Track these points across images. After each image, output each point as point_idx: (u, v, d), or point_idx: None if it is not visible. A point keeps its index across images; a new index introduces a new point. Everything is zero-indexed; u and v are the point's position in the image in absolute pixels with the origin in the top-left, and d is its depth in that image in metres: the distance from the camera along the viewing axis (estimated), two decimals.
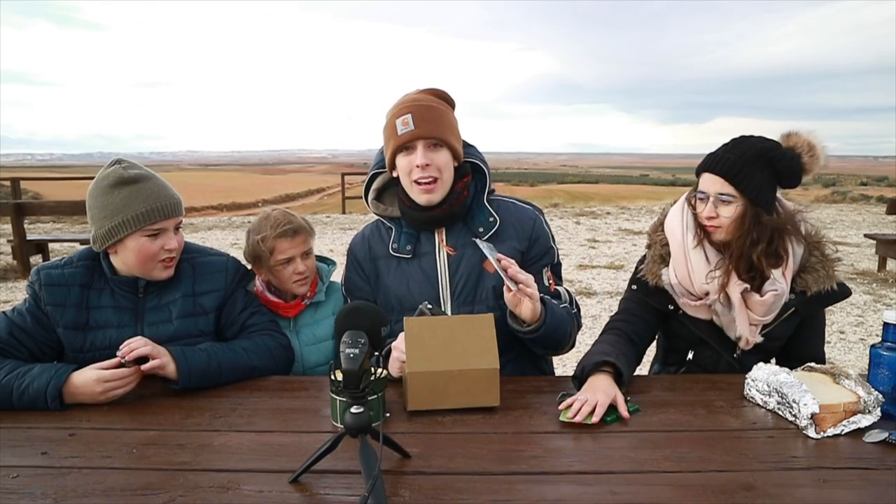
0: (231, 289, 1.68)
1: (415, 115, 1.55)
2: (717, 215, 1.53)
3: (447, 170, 1.60)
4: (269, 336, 1.67)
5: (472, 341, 1.36)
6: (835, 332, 4.71)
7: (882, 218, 10.96)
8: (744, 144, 1.54)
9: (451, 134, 1.62)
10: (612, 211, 12.53)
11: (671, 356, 1.82)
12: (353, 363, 1.06)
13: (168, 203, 1.54)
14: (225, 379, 1.53)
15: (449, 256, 1.65)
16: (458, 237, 1.66)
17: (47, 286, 1.54)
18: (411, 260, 1.67)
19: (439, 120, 1.59)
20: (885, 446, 1.19)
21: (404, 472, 1.11)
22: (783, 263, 1.55)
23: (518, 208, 1.72)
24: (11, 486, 1.07)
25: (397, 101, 1.64)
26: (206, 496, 1.03)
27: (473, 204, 1.68)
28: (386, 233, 1.73)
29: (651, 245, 1.71)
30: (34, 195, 19.02)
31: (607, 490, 1.04)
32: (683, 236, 1.60)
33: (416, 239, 1.68)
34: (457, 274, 1.64)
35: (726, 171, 1.51)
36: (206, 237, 9.34)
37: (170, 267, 1.58)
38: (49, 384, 1.38)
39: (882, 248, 6.62)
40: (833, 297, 1.58)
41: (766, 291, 1.54)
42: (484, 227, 1.65)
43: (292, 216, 1.84)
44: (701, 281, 1.58)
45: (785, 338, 1.66)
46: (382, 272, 1.70)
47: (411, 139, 1.55)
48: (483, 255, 1.53)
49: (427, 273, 1.65)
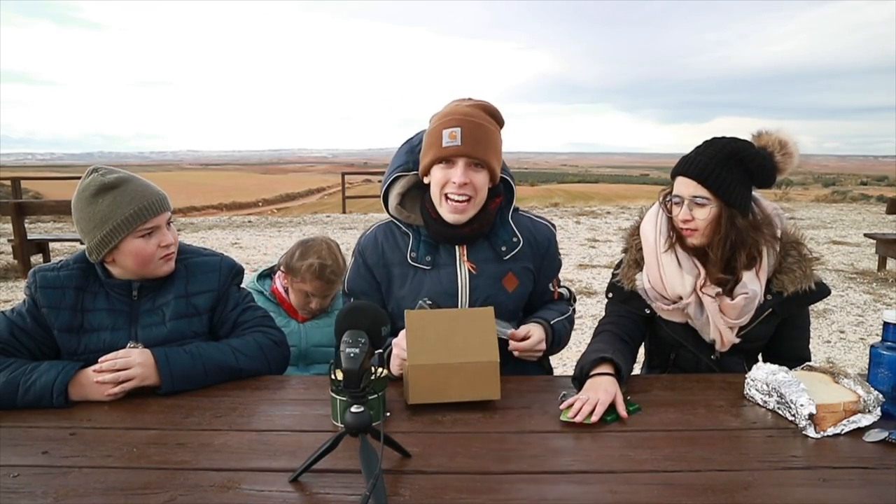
0: (224, 288, 1.67)
1: (464, 131, 1.51)
2: (692, 218, 1.53)
3: (482, 191, 1.58)
4: (261, 333, 1.65)
5: (473, 334, 1.36)
6: (835, 331, 4.71)
7: (882, 217, 10.95)
8: (715, 146, 1.53)
9: (495, 157, 1.58)
10: (612, 210, 12.53)
11: (654, 359, 1.83)
12: (353, 363, 1.06)
13: (154, 200, 1.53)
14: (211, 380, 1.52)
15: (470, 273, 1.63)
16: (479, 253, 1.64)
17: (42, 288, 1.54)
18: (430, 271, 1.63)
19: (487, 141, 1.55)
20: (884, 446, 1.19)
21: (404, 471, 1.11)
22: (756, 265, 1.55)
23: (536, 226, 1.72)
24: (12, 486, 1.07)
25: (448, 109, 1.59)
26: (207, 495, 1.03)
27: (497, 220, 1.66)
28: (402, 238, 1.67)
29: (627, 249, 1.72)
30: (35, 195, 19.03)
31: (607, 490, 1.04)
32: (656, 241, 1.61)
33: (436, 250, 1.64)
34: (476, 290, 1.62)
35: (698, 173, 1.51)
36: (206, 237, 9.33)
37: (171, 260, 1.59)
38: (56, 379, 1.40)
39: (882, 248, 6.62)
40: (811, 297, 1.58)
41: (738, 295, 1.54)
42: (507, 247, 1.64)
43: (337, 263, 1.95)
44: (673, 285, 1.58)
45: (765, 338, 1.66)
46: (396, 281, 1.65)
47: (455, 154, 1.52)
48: (501, 275, 1.64)
49: (445, 287, 1.62)
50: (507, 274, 1.64)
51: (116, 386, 1.41)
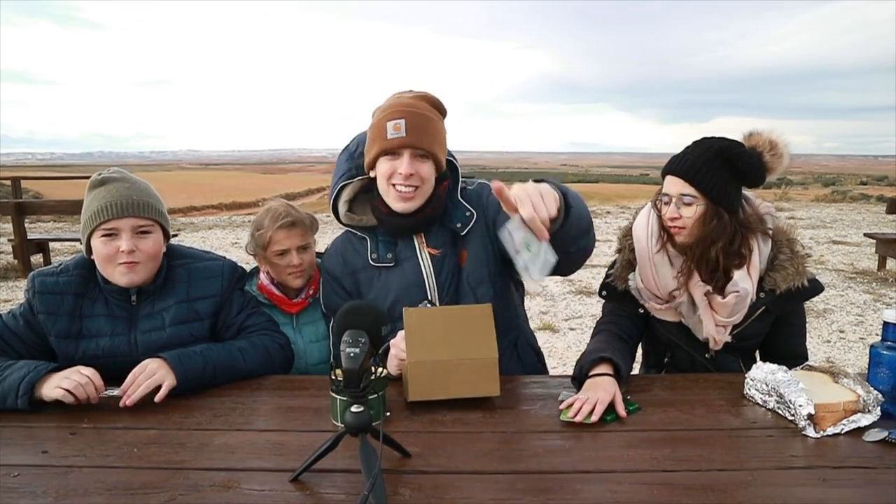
0: (227, 293, 1.67)
1: (408, 122, 1.52)
2: (679, 216, 1.54)
3: (429, 181, 1.58)
4: (267, 336, 1.66)
5: (472, 331, 1.37)
6: (835, 331, 4.71)
7: (882, 217, 10.95)
8: (703, 145, 1.55)
9: (440, 146, 1.59)
10: (612, 210, 12.52)
11: (651, 359, 1.84)
12: (353, 362, 1.06)
13: (122, 202, 1.48)
14: (219, 382, 1.52)
15: (433, 257, 1.63)
16: (437, 237, 1.64)
17: (41, 294, 1.53)
18: (393, 268, 1.64)
19: (431, 131, 1.56)
20: (884, 445, 1.19)
21: (404, 471, 1.11)
22: (746, 263, 1.55)
23: (477, 190, 1.70)
24: (12, 485, 1.07)
25: (390, 102, 1.59)
26: (207, 495, 1.03)
27: (448, 202, 1.66)
28: (360, 243, 1.68)
29: (621, 250, 1.73)
30: (35, 194, 19.01)
31: (607, 490, 1.04)
32: (648, 241, 1.62)
33: (395, 246, 1.65)
34: (441, 273, 1.63)
35: (685, 172, 1.52)
36: (206, 236, 9.34)
37: (132, 271, 1.49)
38: (24, 378, 1.35)
39: (882, 248, 6.62)
40: (804, 294, 1.59)
41: (728, 293, 1.55)
42: (462, 223, 1.64)
43: (293, 209, 1.86)
44: (665, 284, 1.59)
45: (759, 336, 1.66)
46: (363, 285, 1.66)
47: (400, 146, 1.52)
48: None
49: (411, 279, 1.62)
50: (460, 252, 1.64)
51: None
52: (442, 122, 1.63)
